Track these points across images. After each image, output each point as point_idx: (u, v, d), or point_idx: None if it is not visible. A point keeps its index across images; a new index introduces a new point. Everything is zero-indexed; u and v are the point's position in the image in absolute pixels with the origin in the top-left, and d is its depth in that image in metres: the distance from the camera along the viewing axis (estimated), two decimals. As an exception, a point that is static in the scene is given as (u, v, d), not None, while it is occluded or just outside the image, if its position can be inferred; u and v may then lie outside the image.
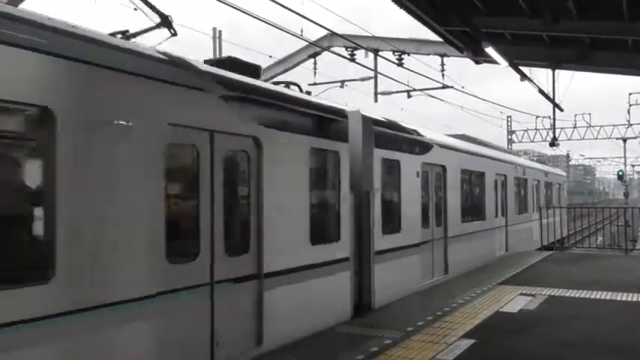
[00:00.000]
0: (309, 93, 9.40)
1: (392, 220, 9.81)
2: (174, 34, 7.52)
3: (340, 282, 8.17)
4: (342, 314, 8.14)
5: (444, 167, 12.02)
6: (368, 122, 9.19)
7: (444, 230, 11.93)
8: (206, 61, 7.33)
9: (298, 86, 8.89)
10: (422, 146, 11.12)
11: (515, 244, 16.76)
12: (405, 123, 11.29)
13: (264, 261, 6.54)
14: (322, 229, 8.01)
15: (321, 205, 8.19)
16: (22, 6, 8.44)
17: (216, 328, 5.85)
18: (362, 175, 8.96)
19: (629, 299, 9.50)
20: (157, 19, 7.37)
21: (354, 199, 8.69)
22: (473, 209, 14.02)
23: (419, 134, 11.24)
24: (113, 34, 6.32)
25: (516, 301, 9.40)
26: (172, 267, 5.34)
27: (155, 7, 7.40)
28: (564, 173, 30.80)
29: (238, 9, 10.70)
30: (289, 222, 7.18)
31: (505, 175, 16.58)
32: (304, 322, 7.20)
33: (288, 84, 8.82)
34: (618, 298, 9.56)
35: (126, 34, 6.91)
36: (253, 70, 7.72)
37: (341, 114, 8.56)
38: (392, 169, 9.94)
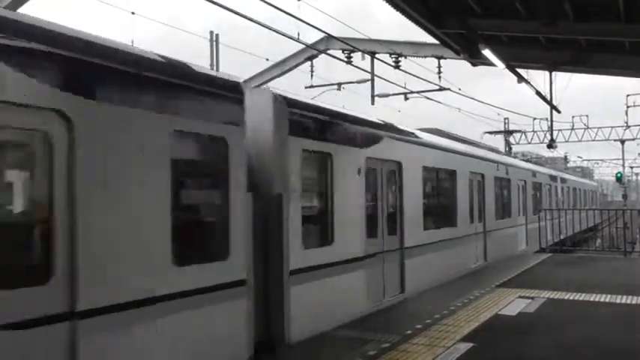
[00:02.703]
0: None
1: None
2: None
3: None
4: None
5: (574, 188, 29.19)
6: (558, 176, 27.04)
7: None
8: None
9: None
10: (564, 180, 27.29)
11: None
12: (558, 171, 30.55)
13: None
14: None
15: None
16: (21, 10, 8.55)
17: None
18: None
19: (629, 302, 9.47)
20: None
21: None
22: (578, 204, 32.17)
23: (563, 176, 29.06)
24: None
25: (515, 303, 9.37)
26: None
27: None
28: (596, 184, 51.77)
29: (234, 12, 10.67)
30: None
31: (580, 189, 34.81)
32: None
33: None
34: (617, 301, 9.53)
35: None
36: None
37: (555, 176, 25.92)
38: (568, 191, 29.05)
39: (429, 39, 12.86)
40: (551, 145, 27.62)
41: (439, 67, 18.25)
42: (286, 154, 7.23)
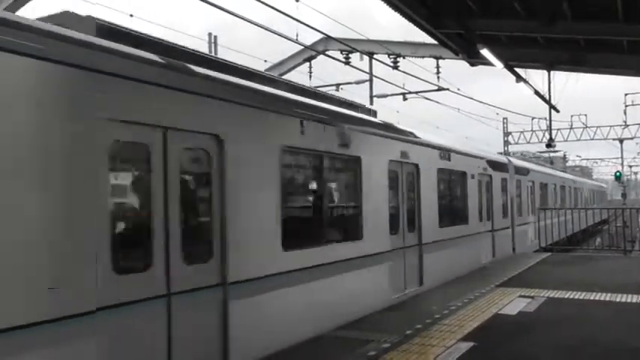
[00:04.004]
0: None
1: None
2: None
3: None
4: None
5: (591, 189, 43.50)
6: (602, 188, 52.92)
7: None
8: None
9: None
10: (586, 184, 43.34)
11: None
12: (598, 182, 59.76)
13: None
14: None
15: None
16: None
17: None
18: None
19: (629, 300, 9.47)
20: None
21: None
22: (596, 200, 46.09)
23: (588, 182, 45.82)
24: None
25: (515, 303, 9.37)
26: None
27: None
28: (606, 185, 66.83)
29: (233, 14, 10.68)
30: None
31: (595, 190, 46.00)
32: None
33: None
34: (618, 300, 9.53)
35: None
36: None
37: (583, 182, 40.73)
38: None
39: (428, 39, 12.88)
40: (549, 144, 27.67)
41: (437, 67, 18.28)
42: (514, 181, 17.80)
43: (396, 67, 17.95)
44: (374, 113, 10.34)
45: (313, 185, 8.29)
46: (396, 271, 9.73)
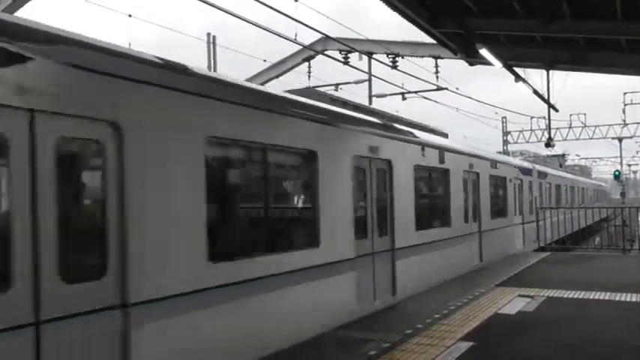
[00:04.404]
0: None
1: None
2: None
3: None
4: None
5: (595, 190, 48.20)
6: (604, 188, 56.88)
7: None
8: None
9: None
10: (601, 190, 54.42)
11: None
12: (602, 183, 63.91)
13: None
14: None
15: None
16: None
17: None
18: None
19: (628, 299, 9.48)
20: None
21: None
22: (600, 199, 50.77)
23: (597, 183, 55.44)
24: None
25: (515, 302, 9.38)
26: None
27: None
28: (607, 184, 67.91)
29: (232, 14, 10.67)
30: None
31: (599, 190, 51.53)
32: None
33: None
34: (617, 299, 9.54)
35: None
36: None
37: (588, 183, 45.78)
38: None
39: (427, 39, 12.88)
40: (549, 143, 27.67)
41: (436, 66, 18.27)
42: (537, 184, 21.22)
43: (395, 67, 17.95)
44: (446, 135, 14.17)
45: (427, 188, 12.25)
46: (468, 249, 13.55)
